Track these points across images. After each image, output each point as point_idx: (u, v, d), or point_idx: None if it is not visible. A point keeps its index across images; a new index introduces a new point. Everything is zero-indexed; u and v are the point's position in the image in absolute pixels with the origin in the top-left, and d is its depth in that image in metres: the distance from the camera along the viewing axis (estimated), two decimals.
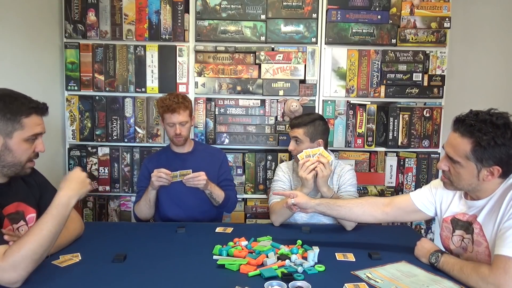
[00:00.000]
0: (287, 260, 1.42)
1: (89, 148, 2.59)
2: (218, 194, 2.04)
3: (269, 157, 2.60)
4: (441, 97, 2.59)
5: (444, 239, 1.51)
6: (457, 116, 1.33)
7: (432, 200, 1.55)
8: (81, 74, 2.55)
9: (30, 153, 1.37)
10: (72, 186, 1.35)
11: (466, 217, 1.41)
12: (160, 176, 1.88)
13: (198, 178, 1.89)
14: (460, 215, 1.44)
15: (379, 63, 2.57)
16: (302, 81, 2.57)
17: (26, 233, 1.26)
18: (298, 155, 1.88)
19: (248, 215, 2.64)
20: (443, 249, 1.50)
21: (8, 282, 1.21)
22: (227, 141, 2.59)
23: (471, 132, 1.27)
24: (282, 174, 2.06)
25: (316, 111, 2.55)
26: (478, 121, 1.27)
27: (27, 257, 1.22)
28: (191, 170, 1.90)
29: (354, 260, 1.49)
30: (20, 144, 1.33)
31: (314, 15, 2.52)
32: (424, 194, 1.57)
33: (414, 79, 2.56)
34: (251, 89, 2.56)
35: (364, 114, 2.59)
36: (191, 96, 2.57)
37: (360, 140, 2.60)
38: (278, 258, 1.46)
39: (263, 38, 2.53)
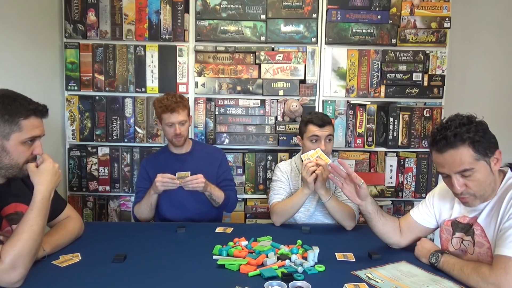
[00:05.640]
0: (287, 260, 1.42)
1: (89, 148, 2.59)
2: (218, 195, 2.03)
3: (269, 157, 2.60)
4: (441, 97, 2.59)
5: (444, 241, 1.51)
6: (432, 140, 1.33)
7: (431, 213, 1.56)
8: (81, 74, 2.55)
9: (27, 155, 1.35)
10: (50, 179, 1.36)
11: (467, 219, 1.41)
12: (166, 181, 1.87)
13: (197, 181, 1.88)
14: (461, 218, 1.44)
15: (379, 63, 2.57)
16: (302, 81, 2.57)
17: (16, 231, 1.26)
18: (302, 156, 1.88)
19: (248, 215, 2.64)
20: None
21: (10, 282, 1.21)
22: (227, 141, 2.59)
23: (461, 139, 1.27)
24: (281, 174, 2.06)
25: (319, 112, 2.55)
26: (457, 127, 1.28)
27: (24, 255, 1.22)
28: (189, 172, 1.89)
29: (354, 260, 1.49)
30: (17, 146, 1.32)
31: (314, 15, 2.52)
32: (422, 209, 1.58)
33: (414, 79, 2.56)
34: (251, 89, 2.56)
35: (364, 114, 2.59)
36: (191, 96, 2.57)
37: (360, 140, 2.60)
38: (278, 258, 1.46)
39: (263, 38, 2.53)
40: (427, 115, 2.58)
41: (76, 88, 2.56)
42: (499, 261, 1.22)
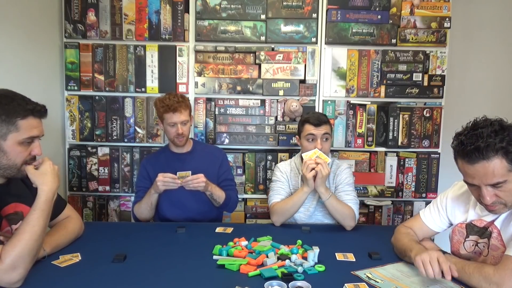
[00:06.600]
0: (287, 260, 1.42)
1: (89, 148, 2.58)
2: (219, 195, 2.03)
3: (269, 157, 2.60)
4: (441, 97, 2.59)
5: (455, 243, 1.48)
6: (462, 149, 1.23)
7: (443, 217, 1.53)
8: (81, 74, 2.55)
9: (25, 156, 1.34)
10: (53, 180, 1.36)
11: (484, 223, 1.39)
12: (167, 181, 1.86)
13: (198, 180, 1.88)
14: (477, 221, 1.41)
15: (379, 63, 2.57)
16: (302, 81, 2.57)
17: (18, 231, 1.25)
18: (303, 154, 1.89)
19: (248, 215, 2.64)
20: (449, 252, 1.48)
21: (9, 282, 1.21)
22: (227, 141, 2.59)
23: (494, 150, 1.19)
24: (280, 175, 2.06)
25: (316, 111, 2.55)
26: (489, 136, 1.20)
27: (24, 255, 1.22)
28: (190, 172, 1.89)
29: (354, 260, 1.50)
30: (15, 147, 1.31)
31: (314, 15, 2.52)
32: (434, 213, 1.55)
33: (414, 79, 2.56)
34: (251, 89, 2.55)
35: (364, 114, 2.59)
36: (191, 96, 2.57)
37: (360, 140, 2.60)
38: (278, 258, 1.46)
39: (263, 38, 2.53)
40: (427, 115, 2.58)
41: (76, 88, 2.56)
42: (506, 262, 1.21)
